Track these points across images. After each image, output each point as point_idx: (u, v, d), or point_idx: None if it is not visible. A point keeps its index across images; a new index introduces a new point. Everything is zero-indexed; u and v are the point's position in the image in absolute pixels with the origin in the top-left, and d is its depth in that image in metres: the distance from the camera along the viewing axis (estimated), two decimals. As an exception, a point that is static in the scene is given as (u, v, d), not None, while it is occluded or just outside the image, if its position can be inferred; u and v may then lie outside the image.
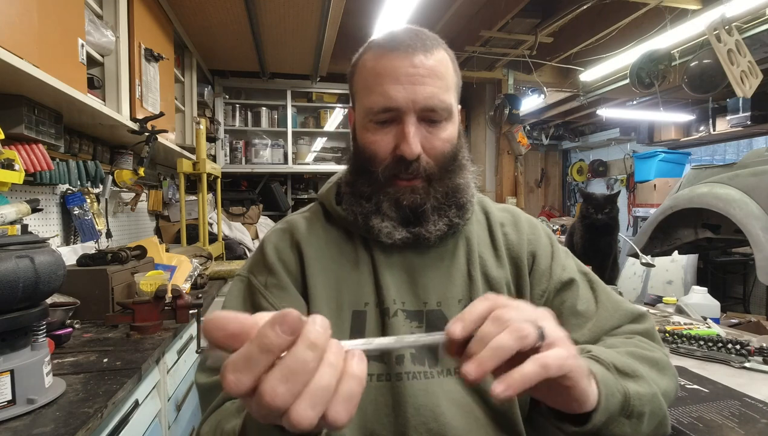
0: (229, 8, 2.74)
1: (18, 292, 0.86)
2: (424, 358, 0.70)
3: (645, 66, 3.50)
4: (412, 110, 0.65)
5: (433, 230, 0.70)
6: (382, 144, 0.68)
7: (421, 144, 0.67)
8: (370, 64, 0.68)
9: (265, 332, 0.32)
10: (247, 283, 0.73)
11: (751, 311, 4.33)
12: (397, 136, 0.67)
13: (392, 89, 0.65)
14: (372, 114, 0.67)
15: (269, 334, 0.32)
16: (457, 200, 0.71)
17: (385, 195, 0.69)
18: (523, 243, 0.78)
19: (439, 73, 0.67)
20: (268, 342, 0.32)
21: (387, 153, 0.68)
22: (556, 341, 0.43)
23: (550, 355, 0.42)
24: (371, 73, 0.68)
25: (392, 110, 0.66)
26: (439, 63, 0.67)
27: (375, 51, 0.69)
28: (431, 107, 0.66)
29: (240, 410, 0.57)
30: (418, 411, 0.66)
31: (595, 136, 7.07)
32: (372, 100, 0.67)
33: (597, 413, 0.50)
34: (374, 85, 0.67)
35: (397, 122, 0.67)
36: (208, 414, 0.63)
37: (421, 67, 0.65)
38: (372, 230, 0.70)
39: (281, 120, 4.48)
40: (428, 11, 3.04)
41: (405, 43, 0.66)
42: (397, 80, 0.65)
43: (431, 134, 0.68)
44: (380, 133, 0.68)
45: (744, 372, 1.01)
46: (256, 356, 0.32)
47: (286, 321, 0.32)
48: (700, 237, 2.75)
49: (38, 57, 1.31)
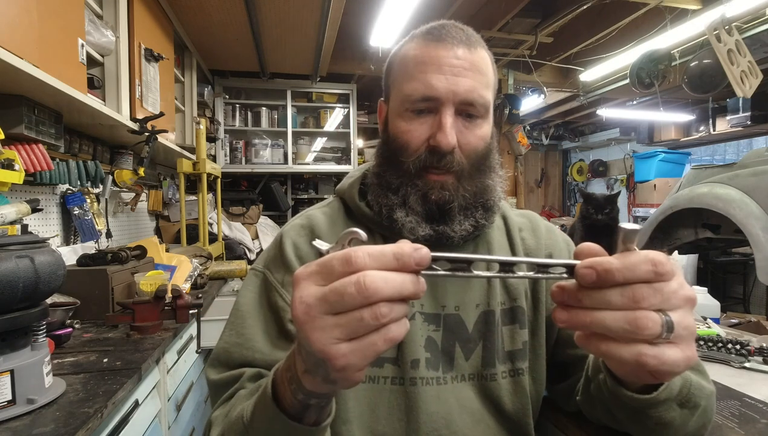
0: (229, 8, 2.73)
1: (18, 292, 0.86)
2: (438, 363, 0.69)
3: (645, 66, 3.51)
4: (452, 102, 0.64)
5: (459, 229, 0.68)
6: (416, 133, 0.67)
7: (456, 137, 0.65)
8: (413, 53, 0.67)
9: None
10: (262, 278, 0.72)
11: (751, 311, 4.33)
12: (433, 126, 0.65)
13: (434, 78, 0.64)
14: (410, 102, 0.66)
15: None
16: (485, 201, 0.70)
17: (413, 187, 0.68)
18: (540, 248, 0.78)
19: (481, 68, 0.67)
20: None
21: (420, 143, 0.67)
22: (678, 341, 0.38)
23: (656, 356, 0.37)
24: (414, 61, 0.67)
25: (432, 99, 0.65)
26: (481, 59, 0.67)
27: (419, 41, 0.68)
28: (470, 101, 0.65)
29: (249, 395, 0.56)
30: (430, 417, 0.66)
31: (595, 136, 7.07)
32: (412, 88, 0.66)
33: (662, 389, 0.50)
34: (416, 73, 0.66)
35: (434, 113, 0.66)
36: (219, 404, 0.63)
37: (465, 60, 0.65)
38: (395, 223, 0.68)
39: (281, 120, 4.48)
40: (428, 11, 3.04)
41: (450, 35, 0.66)
42: (440, 70, 0.64)
43: (467, 129, 0.67)
44: (416, 122, 0.67)
45: (744, 372, 1.01)
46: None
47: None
48: (700, 237, 2.75)
49: (38, 57, 1.31)
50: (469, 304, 0.72)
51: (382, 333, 0.35)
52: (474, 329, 0.71)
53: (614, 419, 0.60)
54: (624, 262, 0.37)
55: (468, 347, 0.71)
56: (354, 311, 0.35)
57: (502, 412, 0.70)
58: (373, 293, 0.34)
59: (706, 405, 0.56)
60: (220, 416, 0.59)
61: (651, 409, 0.52)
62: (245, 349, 0.65)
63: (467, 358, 0.70)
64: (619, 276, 0.37)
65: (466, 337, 0.71)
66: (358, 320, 0.35)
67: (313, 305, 0.36)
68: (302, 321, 0.36)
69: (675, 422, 0.54)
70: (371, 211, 0.73)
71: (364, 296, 0.34)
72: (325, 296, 0.35)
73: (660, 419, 0.53)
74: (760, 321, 1.58)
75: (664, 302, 0.37)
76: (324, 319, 0.35)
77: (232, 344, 0.67)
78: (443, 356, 0.70)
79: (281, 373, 0.46)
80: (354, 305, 0.35)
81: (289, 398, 0.45)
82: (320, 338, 0.36)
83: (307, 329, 0.36)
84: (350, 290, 0.34)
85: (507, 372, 0.71)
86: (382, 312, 0.34)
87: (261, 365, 0.65)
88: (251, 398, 0.53)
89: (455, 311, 0.71)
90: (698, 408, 0.55)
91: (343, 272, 0.35)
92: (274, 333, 0.67)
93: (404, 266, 0.35)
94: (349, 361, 0.35)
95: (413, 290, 0.36)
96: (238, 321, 0.69)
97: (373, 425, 0.66)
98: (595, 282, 0.38)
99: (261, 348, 0.65)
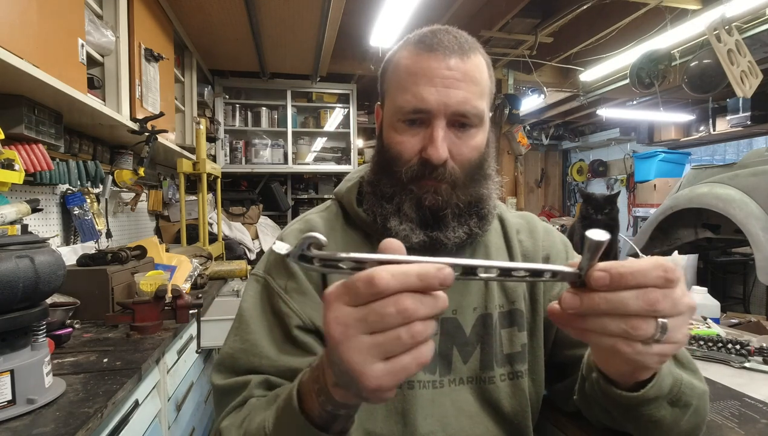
0: (229, 8, 2.73)
1: (18, 292, 0.86)
2: (435, 367, 0.69)
3: (645, 66, 3.50)
4: (443, 114, 0.64)
5: (452, 236, 0.68)
6: (409, 145, 0.66)
7: (448, 149, 0.65)
8: (405, 63, 0.67)
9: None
10: (264, 284, 0.72)
11: (751, 311, 4.33)
12: (425, 138, 0.65)
13: (425, 91, 0.63)
14: (402, 114, 0.66)
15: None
16: (478, 211, 0.70)
17: (407, 194, 0.68)
18: (538, 249, 0.78)
19: (475, 78, 0.66)
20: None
21: (412, 154, 0.66)
22: (669, 341, 0.41)
23: (647, 353, 0.41)
24: (405, 72, 0.66)
25: (423, 112, 0.64)
26: (475, 68, 0.66)
27: (411, 49, 0.67)
28: (463, 112, 0.64)
29: (269, 404, 0.55)
30: (426, 420, 0.66)
31: (595, 136, 7.07)
32: (404, 100, 0.65)
33: (650, 387, 0.51)
34: (408, 85, 0.65)
35: (426, 124, 0.66)
36: (227, 412, 0.62)
37: (457, 71, 0.64)
38: (389, 231, 0.68)
39: (281, 120, 4.48)
40: (428, 11, 3.04)
41: (443, 44, 0.65)
42: (431, 82, 0.64)
43: (460, 140, 0.66)
44: (408, 133, 0.67)
45: (744, 372, 1.01)
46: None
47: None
48: (700, 237, 2.75)
49: (38, 57, 1.31)
50: (467, 307, 0.72)
51: (414, 354, 0.36)
52: (472, 332, 0.71)
53: (610, 417, 0.61)
54: (636, 267, 0.40)
55: (466, 351, 0.71)
56: (391, 331, 0.36)
57: (501, 415, 0.70)
58: (413, 312, 0.35)
59: (698, 405, 0.56)
60: (233, 427, 0.59)
61: (641, 407, 0.53)
62: (251, 355, 0.65)
63: (465, 361, 0.70)
64: (632, 280, 0.39)
65: (464, 340, 0.71)
66: (395, 338, 0.36)
67: (351, 325, 0.36)
68: (339, 341, 0.37)
69: (666, 420, 0.54)
70: (369, 218, 0.73)
71: (404, 317, 0.35)
72: (364, 317, 0.36)
73: (651, 416, 0.54)
74: (760, 321, 1.58)
75: (673, 308, 0.40)
76: (361, 339, 0.36)
77: (237, 349, 0.66)
78: (441, 359, 0.70)
79: (308, 384, 0.47)
80: (392, 324, 0.36)
81: (317, 409, 0.45)
82: (356, 358, 0.36)
83: (342, 349, 0.37)
84: (389, 310, 0.35)
85: (506, 375, 0.71)
86: (418, 330, 0.36)
87: (268, 371, 0.64)
88: (269, 408, 0.53)
89: (453, 314, 0.71)
90: (690, 407, 0.55)
91: (368, 293, 0.36)
92: (279, 339, 0.67)
93: (428, 286, 0.36)
94: (381, 383, 0.36)
95: (441, 308, 0.37)
96: (242, 327, 0.68)
97: (370, 427, 0.66)
98: (608, 286, 0.39)
99: (267, 354, 0.65)
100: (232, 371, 0.66)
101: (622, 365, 0.49)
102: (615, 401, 0.54)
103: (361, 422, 0.66)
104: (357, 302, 0.36)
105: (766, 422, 0.76)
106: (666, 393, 0.53)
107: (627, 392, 0.52)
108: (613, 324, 0.40)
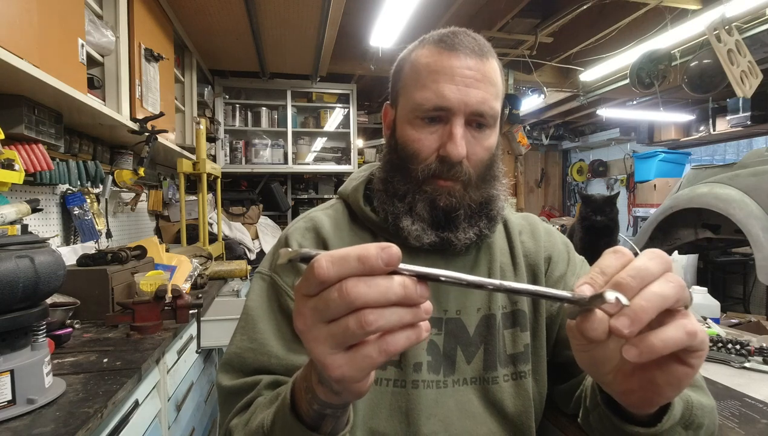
0: (229, 8, 2.74)
1: (18, 292, 0.86)
2: (440, 367, 0.69)
3: (645, 66, 3.51)
4: (463, 112, 0.64)
5: (463, 237, 0.68)
6: (427, 142, 0.67)
7: (465, 148, 0.65)
8: (425, 60, 0.67)
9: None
10: (270, 282, 0.71)
11: (751, 311, 4.32)
12: (443, 136, 0.66)
13: (446, 88, 0.64)
14: (421, 110, 0.66)
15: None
16: (488, 211, 0.70)
17: (421, 194, 0.68)
18: (540, 250, 0.78)
19: (492, 79, 0.67)
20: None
21: (431, 152, 0.67)
22: (690, 313, 0.38)
23: (695, 323, 0.37)
24: (426, 69, 0.66)
25: (443, 109, 0.65)
26: (492, 70, 0.67)
27: (431, 48, 0.67)
28: (481, 112, 0.65)
29: (271, 402, 0.56)
30: (429, 420, 0.66)
31: (595, 136, 7.07)
32: (424, 97, 0.65)
33: (666, 420, 0.49)
34: (428, 82, 0.65)
35: (444, 122, 0.66)
36: (235, 413, 0.62)
37: (477, 71, 0.65)
38: (401, 231, 0.68)
39: (281, 120, 4.48)
40: (428, 11, 3.04)
41: (464, 45, 0.66)
42: (452, 80, 0.64)
43: (475, 139, 0.67)
44: (426, 131, 0.67)
45: (744, 372, 1.01)
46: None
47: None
48: (700, 237, 2.75)
49: (38, 57, 1.31)
50: (470, 308, 0.72)
51: (378, 345, 0.34)
52: (475, 332, 0.71)
53: None
54: (608, 259, 0.39)
55: (469, 351, 0.71)
56: (341, 319, 0.33)
57: (504, 415, 0.70)
58: (355, 298, 0.32)
59: (708, 422, 0.56)
60: (240, 424, 0.59)
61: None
62: (260, 354, 0.65)
63: (469, 361, 0.71)
64: (614, 269, 0.38)
65: (468, 341, 0.71)
66: (344, 327, 0.33)
67: (308, 315, 0.35)
68: (301, 331, 0.36)
69: None
70: (377, 217, 0.73)
71: (347, 302, 0.32)
72: (315, 305, 0.34)
73: None
74: (760, 321, 1.58)
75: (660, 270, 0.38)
76: (318, 328, 0.35)
77: (245, 349, 0.66)
78: (445, 359, 0.70)
79: (299, 382, 0.47)
80: (339, 312, 0.33)
81: (305, 408, 0.45)
82: (316, 348, 0.35)
83: (305, 340, 0.36)
84: (333, 296, 0.33)
85: (509, 375, 0.71)
86: (368, 320, 0.32)
87: (277, 370, 0.64)
88: (271, 406, 0.53)
89: (456, 315, 0.71)
90: (702, 427, 0.55)
91: (315, 282, 0.33)
92: (288, 337, 0.67)
93: (372, 269, 0.33)
94: (344, 372, 0.35)
95: (401, 294, 0.33)
96: (249, 326, 0.68)
97: (374, 426, 0.66)
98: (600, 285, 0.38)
99: (276, 353, 0.65)
100: (240, 370, 0.65)
101: (653, 391, 0.42)
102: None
103: (365, 420, 0.66)
104: (310, 292, 0.35)
105: (766, 422, 0.76)
106: (679, 419, 0.51)
107: (643, 427, 0.50)
108: (659, 284, 0.36)
